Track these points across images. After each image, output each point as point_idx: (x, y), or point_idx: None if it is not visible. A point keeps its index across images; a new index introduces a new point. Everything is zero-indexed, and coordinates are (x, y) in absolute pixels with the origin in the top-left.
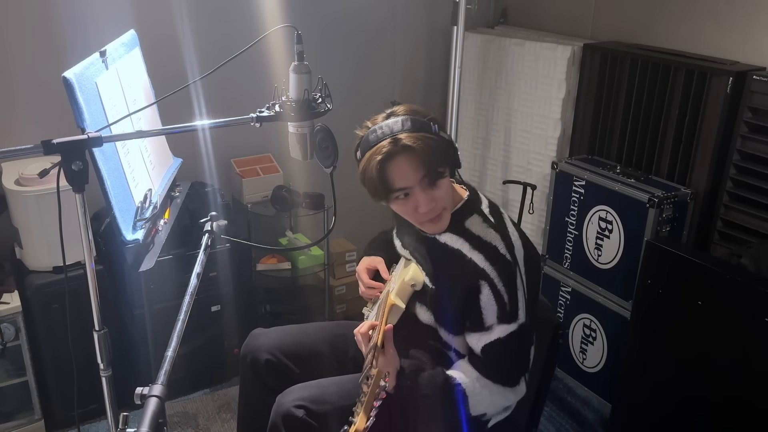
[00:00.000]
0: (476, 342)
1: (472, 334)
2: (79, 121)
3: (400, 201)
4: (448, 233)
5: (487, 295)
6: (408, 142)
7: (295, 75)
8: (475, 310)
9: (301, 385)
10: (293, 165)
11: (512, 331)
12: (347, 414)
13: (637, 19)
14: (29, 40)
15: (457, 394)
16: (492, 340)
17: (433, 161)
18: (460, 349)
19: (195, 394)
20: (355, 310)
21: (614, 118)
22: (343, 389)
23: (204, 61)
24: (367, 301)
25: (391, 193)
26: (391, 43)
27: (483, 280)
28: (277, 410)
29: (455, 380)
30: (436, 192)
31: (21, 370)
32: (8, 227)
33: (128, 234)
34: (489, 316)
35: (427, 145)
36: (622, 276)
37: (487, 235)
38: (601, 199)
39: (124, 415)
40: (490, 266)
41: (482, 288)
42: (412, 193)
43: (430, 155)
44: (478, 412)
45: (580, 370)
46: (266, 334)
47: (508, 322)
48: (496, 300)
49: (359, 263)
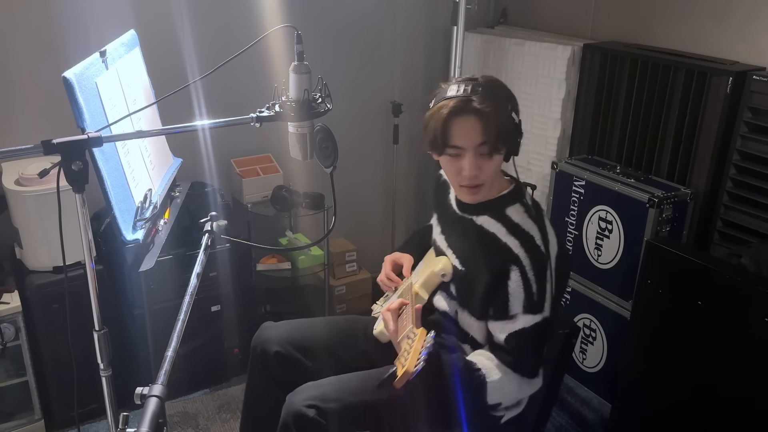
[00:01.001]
0: (500, 330)
1: (495, 322)
2: (79, 121)
3: (449, 158)
4: (486, 216)
5: (516, 281)
6: (479, 106)
7: (295, 75)
8: (501, 297)
9: (310, 384)
10: (293, 165)
11: (537, 323)
12: (357, 411)
13: (637, 19)
14: (29, 40)
15: (477, 379)
16: (517, 329)
17: (494, 133)
18: (477, 337)
19: (195, 394)
20: (356, 310)
21: (614, 118)
22: (352, 386)
23: (204, 61)
24: (384, 291)
25: (446, 147)
26: (391, 44)
27: (515, 266)
28: (288, 410)
29: (476, 365)
30: (486, 164)
31: (21, 370)
32: (8, 227)
33: (128, 234)
34: (515, 304)
35: (494, 116)
36: (622, 276)
37: (525, 224)
38: (601, 199)
39: (124, 415)
40: (524, 253)
41: (512, 274)
42: (464, 156)
43: (493, 127)
44: (494, 400)
45: (580, 370)
46: (276, 327)
47: (533, 312)
48: (525, 288)
49: (389, 255)
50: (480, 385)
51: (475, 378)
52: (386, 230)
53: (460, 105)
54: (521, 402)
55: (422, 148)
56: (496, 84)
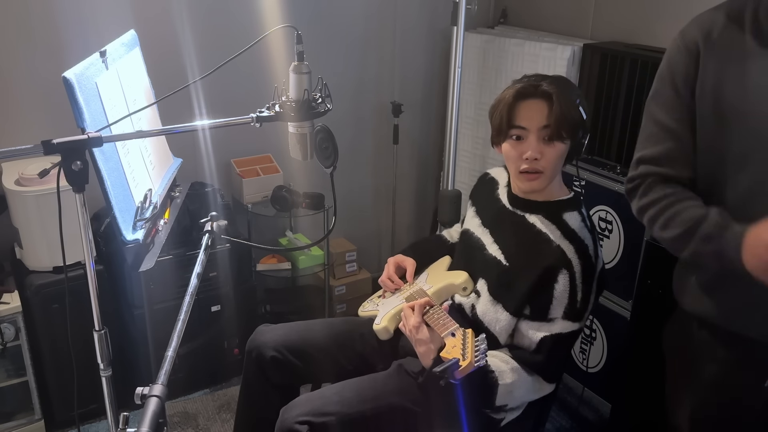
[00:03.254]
0: (535, 332)
1: (531, 322)
2: (79, 121)
3: (512, 142)
4: (539, 216)
5: (564, 285)
6: (548, 89)
7: (295, 75)
8: (545, 299)
9: (303, 398)
10: (293, 165)
11: (573, 330)
12: (350, 423)
13: (637, 19)
14: (29, 40)
15: (489, 381)
16: (553, 333)
17: (561, 119)
18: (502, 335)
19: (195, 394)
20: (355, 310)
21: (614, 118)
22: (344, 398)
23: (204, 61)
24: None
25: (511, 128)
26: (391, 44)
27: (565, 269)
28: (281, 427)
29: (489, 366)
30: (549, 149)
31: (21, 370)
32: (8, 227)
33: (128, 234)
34: (557, 308)
35: (563, 102)
36: (622, 276)
37: (582, 233)
38: (601, 199)
39: (125, 415)
40: (578, 259)
41: (560, 277)
42: (527, 139)
43: (561, 111)
44: (502, 402)
45: (580, 370)
46: (272, 330)
47: (572, 320)
48: (570, 294)
49: (392, 257)
50: (491, 387)
51: (488, 380)
52: (386, 230)
53: (528, 88)
54: (523, 403)
55: (422, 149)
56: (566, 79)
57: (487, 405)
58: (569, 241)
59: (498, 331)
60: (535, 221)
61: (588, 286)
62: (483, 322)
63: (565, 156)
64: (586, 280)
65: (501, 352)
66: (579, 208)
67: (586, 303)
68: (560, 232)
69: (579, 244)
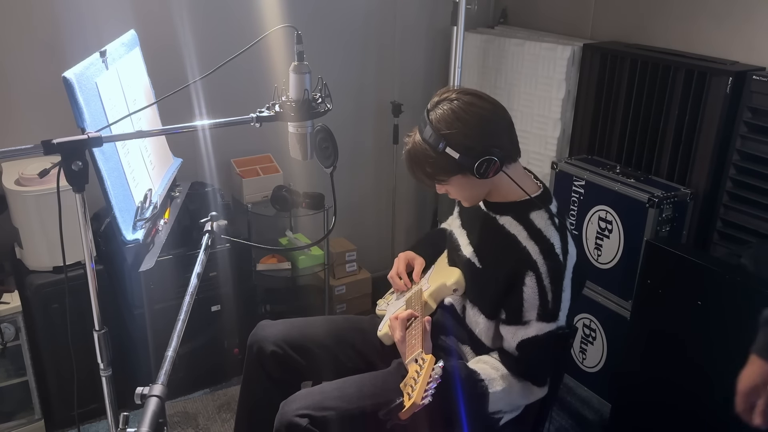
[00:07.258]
0: (512, 336)
1: (508, 326)
2: (79, 121)
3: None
4: (509, 217)
5: (532, 288)
6: (405, 157)
7: (295, 75)
8: (515, 302)
9: (304, 392)
10: (293, 165)
11: (550, 331)
12: (350, 418)
13: (637, 19)
14: (29, 40)
15: (480, 389)
16: (530, 336)
17: (418, 172)
18: (483, 337)
19: (195, 394)
20: (355, 310)
21: (614, 118)
22: (345, 393)
23: (204, 61)
24: (394, 287)
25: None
26: (391, 44)
27: (531, 271)
28: (281, 420)
29: (479, 375)
30: (447, 187)
31: (21, 370)
32: (8, 227)
33: (128, 234)
34: (529, 311)
35: (414, 159)
36: (622, 276)
37: (548, 231)
38: (600, 199)
39: (125, 414)
40: (543, 260)
41: (527, 279)
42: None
43: (414, 168)
44: (495, 408)
45: (580, 370)
46: (273, 325)
47: (547, 321)
48: (540, 296)
49: (404, 252)
50: (482, 396)
51: (478, 388)
52: (386, 230)
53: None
54: (521, 406)
55: None
56: (422, 145)
57: (480, 412)
58: (534, 241)
59: (479, 334)
60: (505, 222)
61: (557, 285)
62: (468, 326)
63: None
64: (554, 280)
65: (492, 358)
66: (547, 204)
67: (557, 302)
68: (527, 232)
69: (544, 243)
